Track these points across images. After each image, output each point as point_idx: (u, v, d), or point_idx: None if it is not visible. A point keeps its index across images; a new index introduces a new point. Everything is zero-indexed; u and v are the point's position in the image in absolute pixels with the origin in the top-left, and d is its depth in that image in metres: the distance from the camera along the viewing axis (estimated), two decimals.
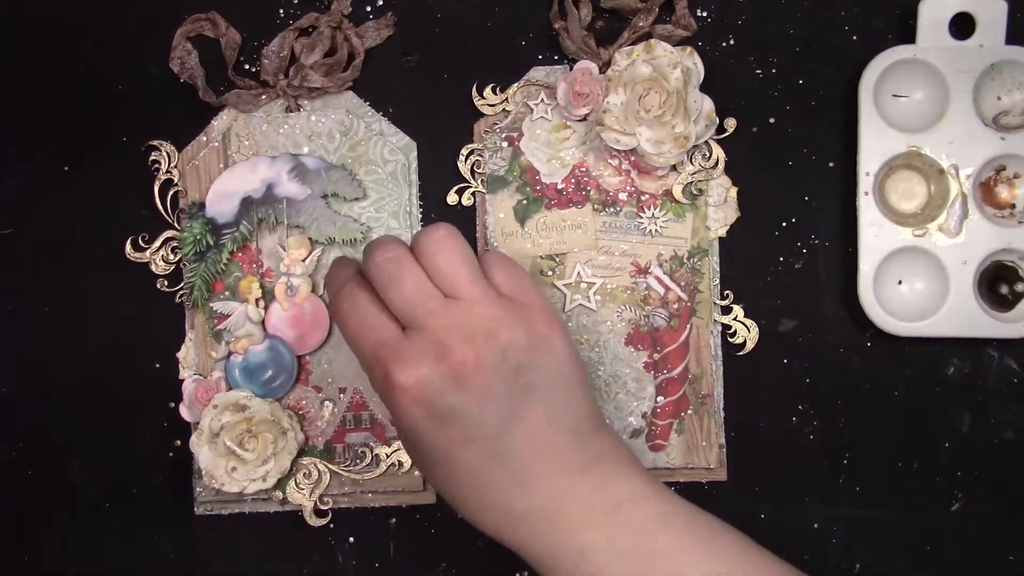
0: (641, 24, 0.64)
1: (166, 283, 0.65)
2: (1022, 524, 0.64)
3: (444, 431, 0.51)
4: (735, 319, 0.64)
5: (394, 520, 0.65)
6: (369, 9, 0.66)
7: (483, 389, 0.51)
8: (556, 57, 0.65)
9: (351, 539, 0.65)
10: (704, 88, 0.63)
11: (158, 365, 0.65)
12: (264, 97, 0.65)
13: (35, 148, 0.66)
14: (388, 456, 0.64)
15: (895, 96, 0.64)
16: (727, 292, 0.65)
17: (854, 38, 0.65)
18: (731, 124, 0.64)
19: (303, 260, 0.64)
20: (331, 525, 0.65)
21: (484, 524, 0.54)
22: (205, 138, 0.65)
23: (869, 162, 0.63)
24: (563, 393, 0.53)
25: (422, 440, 0.52)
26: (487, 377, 0.51)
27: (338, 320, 0.55)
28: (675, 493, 0.55)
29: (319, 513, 0.65)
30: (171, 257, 0.65)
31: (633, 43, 0.63)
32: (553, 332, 0.53)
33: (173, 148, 0.65)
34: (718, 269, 0.65)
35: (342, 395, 0.65)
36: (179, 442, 0.65)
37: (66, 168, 0.66)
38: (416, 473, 0.64)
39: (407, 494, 0.65)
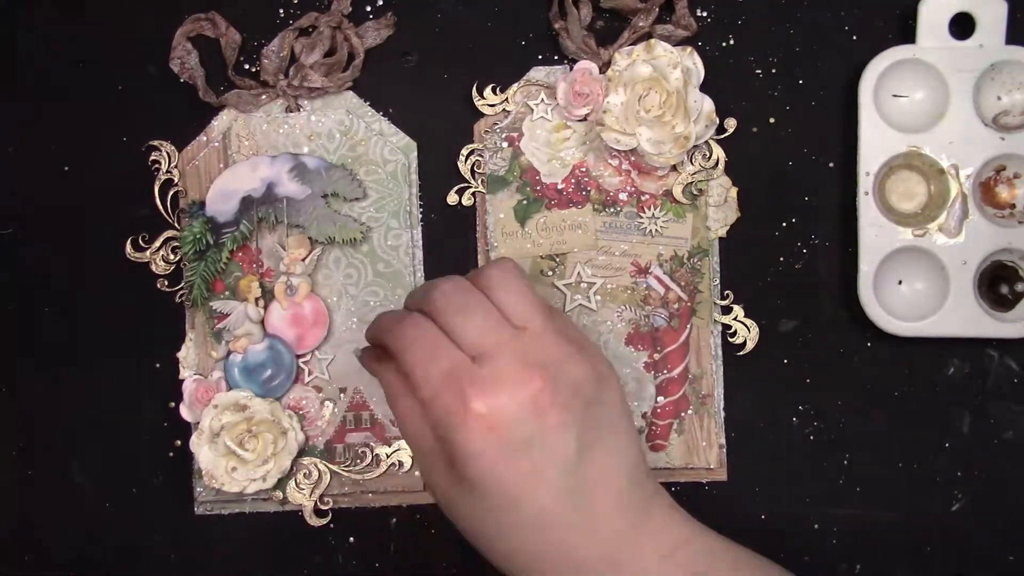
0: (641, 24, 0.63)
1: (166, 283, 0.65)
2: (1022, 524, 0.64)
3: (516, 465, 0.49)
4: (735, 319, 0.64)
5: (394, 520, 0.65)
6: (369, 9, 0.65)
7: (559, 420, 0.49)
8: (556, 57, 0.65)
9: (351, 539, 0.65)
10: (704, 88, 0.63)
11: (158, 365, 0.65)
12: (264, 97, 0.65)
13: (35, 148, 0.66)
14: (388, 456, 0.64)
15: (895, 96, 0.64)
16: (727, 292, 0.64)
17: (854, 38, 0.65)
18: (731, 124, 0.64)
19: (303, 260, 0.64)
20: (331, 525, 0.65)
21: (528, 571, 0.52)
22: (205, 138, 0.65)
23: (869, 162, 0.63)
24: (623, 435, 0.52)
25: (487, 478, 0.49)
26: (562, 408, 0.49)
27: (402, 348, 0.51)
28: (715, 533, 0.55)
29: (319, 513, 0.64)
30: (171, 257, 0.65)
31: (633, 43, 0.64)
32: (612, 374, 0.53)
33: (173, 148, 0.65)
34: (718, 269, 0.65)
35: (342, 395, 0.65)
36: (179, 442, 0.65)
37: (66, 168, 0.66)
38: (416, 473, 0.64)
39: (407, 494, 0.65)
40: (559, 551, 0.51)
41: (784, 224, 0.65)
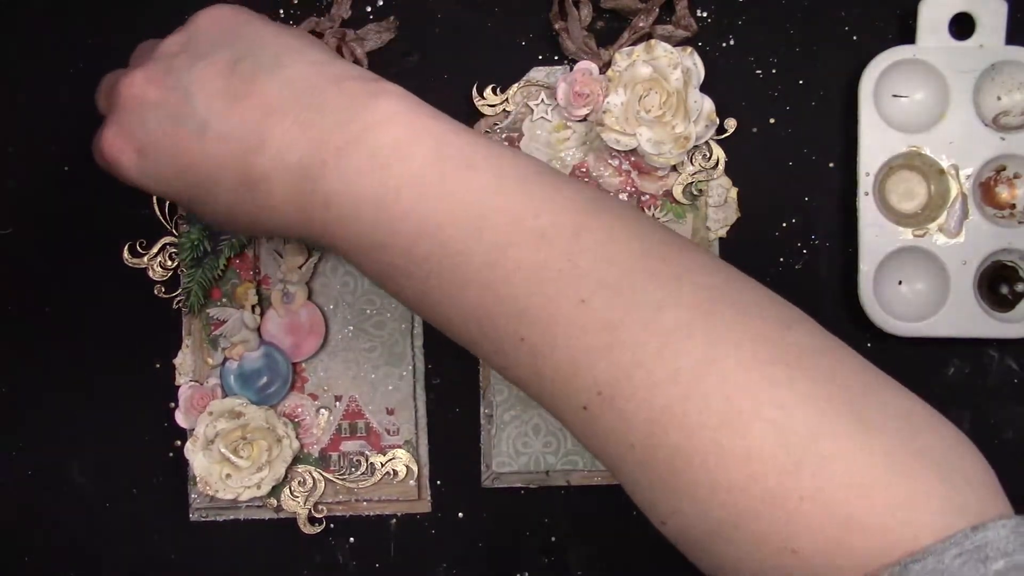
0: (641, 25, 0.63)
1: (163, 289, 0.64)
2: None
3: (153, 155, 0.49)
4: None
5: (394, 521, 0.65)
6: (369, 9, 0.65)
7: (158, 91, 0.49)
8: (556, 57, 0.65)
9: (351, 540, 0.65)
10: (704, 88, 0.62)
11: (158, 365, 0.65)
12: None
13: (35, 148, 0.65)
14: (383, 465, 0.64)
15: (895, 96, 0.64)
16: None
17: (854, 38, 0.65)
18: (731, 124, 0.64)
19: (300, 267, 0.63)
20: (331, 526, 0.65)
21: (236, 214, 0.50)
22: None
23: (869, 162, 0.63)
24: (247, 37, 0.50)
25: (152, 185, 0.50)
26: (155, 81, 0.49)
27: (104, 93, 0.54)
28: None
29: (313, 521, 0.64)
30: (169, 263, 0.64)
31: (633, 43, 0.63)
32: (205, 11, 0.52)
33: None
34: None
35: (338, 403, 0.64)
36: (179, 442, 0.65)
37: (66, 168, 0.65)
38: (411, 482, 0.64)
39: (402, 503, 0.64)
40: (253, 178, 0.47)
41: (784, 224, 0.65)
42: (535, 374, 0.46)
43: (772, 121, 0.65)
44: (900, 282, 0.64)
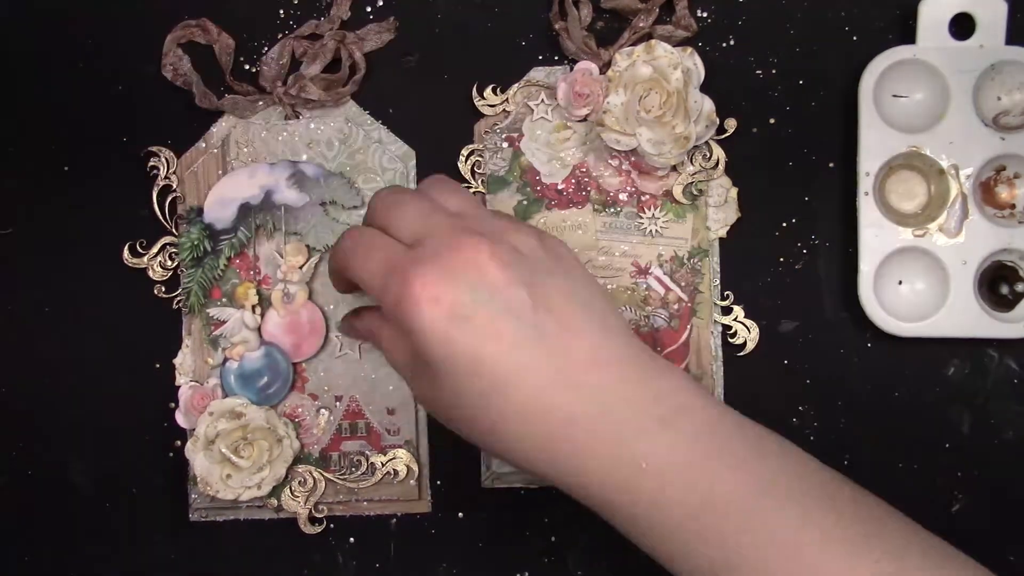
0: (641, 25, 0.63)
1: (163, 289, 0.64)
2: (1022, 524, 0.65)
3: (467, 327, 0.47)
4: (735, 320, 0.64)
5: (394, 521, 0.65)
6: (369, 10, 0.65)
7: (502, 275, 0.48)
8: (556, 58, 0.65)
9: (351, 539, 0.65)
10: (704, 88, 0.62)
11: (158, 365, 0.65)
12: (261, 103, 0.64)
13: (35, 148, 0.65)
14: (384, 465, 0.64)
15: (895, 96, 0.64)
16: (727, 292, 0.64)
17: (854, 38, 0.65)
18: (731, 124, 0.64)
19: (300, 267, 0.63)
20: (332, 525, 0.65)
21: (516, 449, 0.49)
22: (204, 144, 0.64)
23: (869, 162, 0.63)
24: (583, 287, 0.50)
25: (445, 350, 0.47)
26: (503, 264, 0.48)
27: (342, 258, 0.53)
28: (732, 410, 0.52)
29: (314, 521, 0.64)
30: (169, 263, 0.64)
31: (633, 44, 0.63)
32: (560, 243, 0.52)
33: (172, 154, 0.64)
34: (718, 269, 0.64)
35: (338, 403, 0.64)
36: (179, 442, 0.65)
37: (66, 168, 0.65)
38: (411, 482, 0.64)
39: (402, 503, 0.64)
40: (539, 408, 0.48)
41: (784, 224, 0.65)
42: None
43: (772, 121, 0.65)
44: (900, 282, 0.64)
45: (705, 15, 0.65)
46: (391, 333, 0.52)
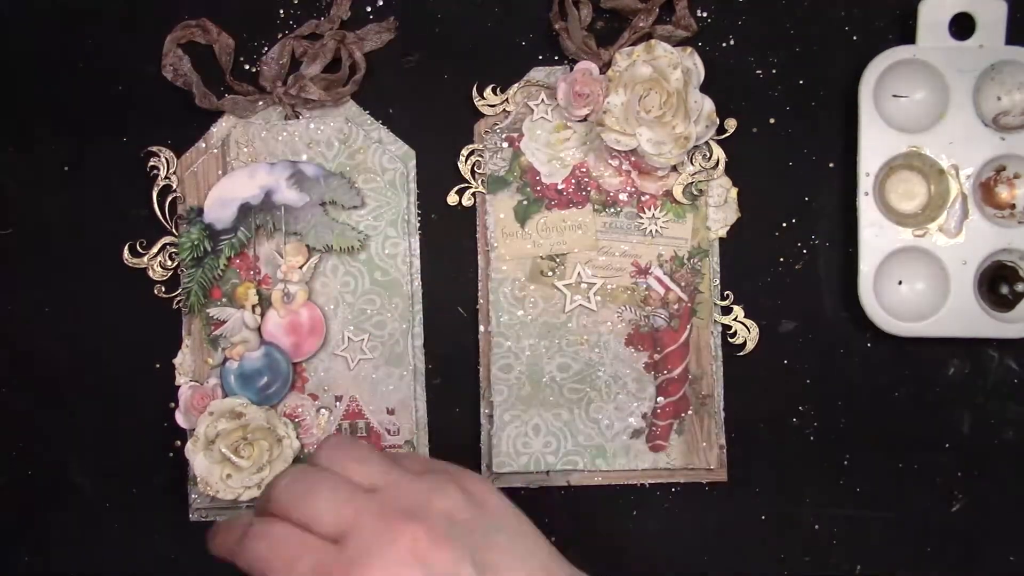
0: (641, 24, 0.63)
1: (163, 289, 0.64)
2: (1022, 524, 0.65)
3: None
4: (735, 319, 0.64)
5: None
6: (369, 9, 0.65)
7: (445, 557, 0.46)
8: (556, 57, 0.65)
9: None
10: (704, 88, 0.62)
11: (158, 365, 0.65)
12: (261, 103, 0.64)
13: (35, 148, 0.65)
14: None
15: (895, 96, 0.64)
16: (727, 292, 0.64)
17: (854, 38, 0.65)
18: (731, 124, 0.64)
19: (300, 267, 0.63)
20: None
21: None
22: (204, 144, 0.64)
23: (869, 162, 0.63)
24: (520, 538, 0.50)
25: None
26: (443, 544, 0.47)
27: (257, 564, 0.48)
28: None
29: None
30: (169, 263, 0.64)
31: (633, 43, 0.63)
32: (483, 485, 0.51)
33: (172, 155, 0.64)
34: (718, 269, 0.64)
35: (338, 403, 0.64)
36: (179, 442, 0.65)
37: (66, 168, 0.65)
38: None
39: None
40: None
41: (784, 224, 0.65)
42: None
43: (772, 121, 0.65)
44: (900, 282, 0.64)
45: (705, 15, 0.65)
46: None
